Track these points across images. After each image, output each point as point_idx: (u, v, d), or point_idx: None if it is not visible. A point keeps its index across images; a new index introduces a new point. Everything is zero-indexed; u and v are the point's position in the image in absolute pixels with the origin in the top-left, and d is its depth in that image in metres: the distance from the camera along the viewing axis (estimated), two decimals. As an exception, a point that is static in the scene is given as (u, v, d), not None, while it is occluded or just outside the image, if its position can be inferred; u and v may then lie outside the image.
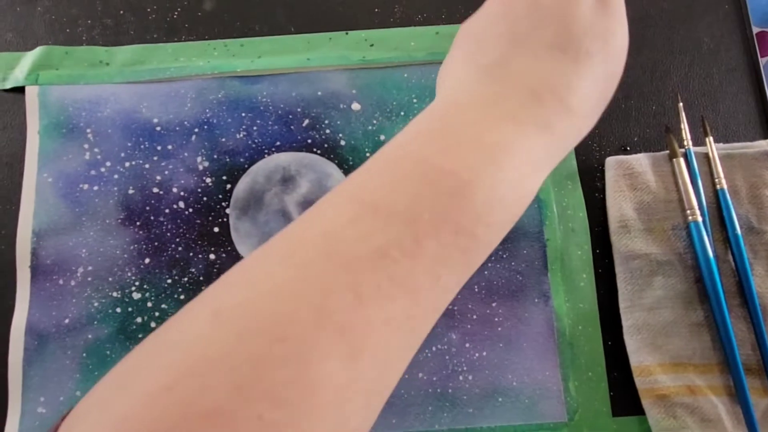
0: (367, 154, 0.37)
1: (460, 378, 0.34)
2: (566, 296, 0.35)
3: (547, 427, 0.33)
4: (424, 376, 0.34)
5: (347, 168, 0.37)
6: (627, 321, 0.34)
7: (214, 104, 0.38)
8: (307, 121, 0.38)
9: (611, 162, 0.36)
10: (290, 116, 0.38)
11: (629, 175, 0.36)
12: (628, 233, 0.35)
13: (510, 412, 0.34)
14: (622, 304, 0.34)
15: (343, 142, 0.37)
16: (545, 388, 0.34)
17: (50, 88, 0.38)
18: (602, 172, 0.37)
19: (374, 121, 0.38)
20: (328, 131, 0.37)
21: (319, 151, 0.37)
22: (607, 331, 0.35)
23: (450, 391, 0.34)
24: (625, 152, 0.37)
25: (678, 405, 0.32)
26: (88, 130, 0.37)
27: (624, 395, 0.34)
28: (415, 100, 0.38)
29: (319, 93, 0.38)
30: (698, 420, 0.32)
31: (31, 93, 0.38)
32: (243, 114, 0.37)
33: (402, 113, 0.37)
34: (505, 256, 0.35)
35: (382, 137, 0.37)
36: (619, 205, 0.35)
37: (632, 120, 0.38)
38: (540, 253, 0.35)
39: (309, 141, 0.37)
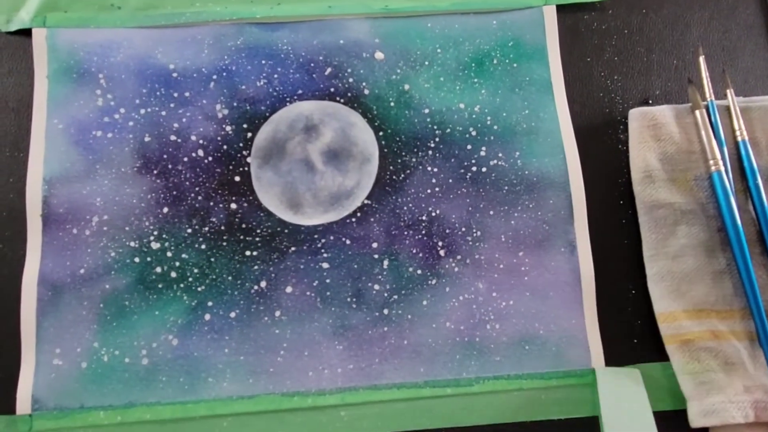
0: (392, 104, 0.36)
1: (488, 327, 0.34)
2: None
3: (574, 374, 0.34)
4: (451, 325, 0.34)
5: (371, 117, 0.36)
6: (651, 269, 0.34)
7: (232, 51, 0.36)
8: (329, 70, 0.37)
9: (635, 113, 0.36)
10: (312, 64, 0.37)
11: (653, 126, 0.36)
12: (652, 183, 0.35)
13: (537, 360, 0.34)
14: (646, 253, 0.35)
15: (366, 91, 0.36)
16: (571, 337, 0.34)
17: (59, 30, 0.36)
18: (625, 124, 0.37)
19: (398, 71, 0.37)
20: (351, 80, 0.37)
21: (342, 100, 0.36)
22: (630, 280, 0.35)
23: (477, 339, 0.34)
24: (648, 105, 0.37)
25: (702, 349, 0.33)
26: (100, 75, 0.35)
27: (647, 343, 0.34)
28: (439, 50, 0.37)
29: (342, 41, 0.37)
30: (721, 363, 0.33)
31: (39, 36, 0.36)
32: (263, 61, 0.36)
33: (426, 62, 0.37)
34: (531, 206, 0.35)
35: (406, 86, 0.37)
36: (643, 155, 0.36)
37: (654, 74, 0.38)
38: (566, 203, 0.35)
39: (332, 90, 0.36)
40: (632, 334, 0.34)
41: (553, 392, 0.33)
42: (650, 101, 0.38)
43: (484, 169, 0.36)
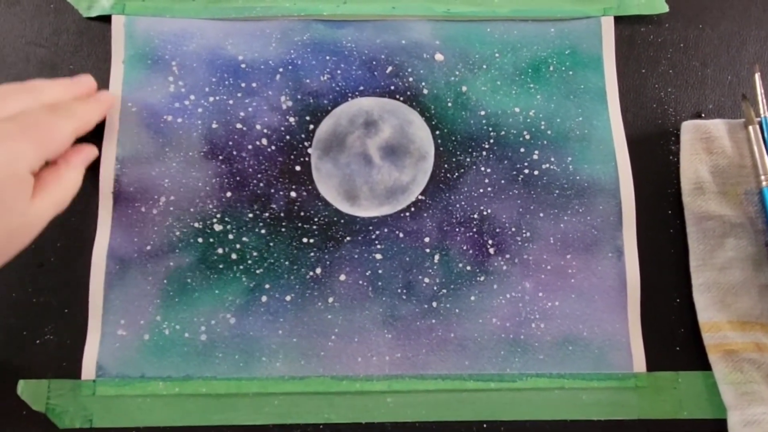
0: (449, 104, 0.37)
1: (533, 325, 0.35)
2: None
3: (615, 377, 0.34)
4: (497, 321, 0.35)
5: (429, 116, 0.37)
6: (697, 279, 0.35)
7: (298, 45, 0.38)
8: (390, 68, 0.38)
9: (688, 126, 0.37)
10: (374, 62, 0.38)
11: (706, 139, 0.37)
12: (702, 194, 0.36)
13: (580, 361, 0.34)
14: (693, 263, 0.35)
15: (425, 91, 0.38)
16: (614, 340, 0.35)
17: (136, 18, 0.38)
18: (677, 136, 0.38)
19: (456, 72, 0.38)
20: (411, 79, 0.38)
21: (401, 98, 0.38)
22: (676, 289, 0.36)
23: (522, 337, 0.35)
24: (700, 118, 0.38)
25: (745, 360, 0.33)
26: (173, 63, 0.37)
27: (689, 351, 0.35)
28: (497, 55, 0.38)
29: (403, 42, 0.38)
30: (764, 375, 0.33)
31: (117, 22, 0.38)
32: (327, 57, 0.38)
33: (484, 66, 0.38)
34: (581, 210, 0.36)
35: (464, 88, 0.38)
36: (694, 167, 0.36)
37: (707, 88, 0.39)
38: (615, 209, 0.36)
39: (392, 87, 0.38)
40: (675, 341, 0.35)
41: (594, 393, 0.34)
42: (703, 115, 0.38)
43: (536, 172, 0.37)
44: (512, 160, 0.37)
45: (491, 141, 0.37)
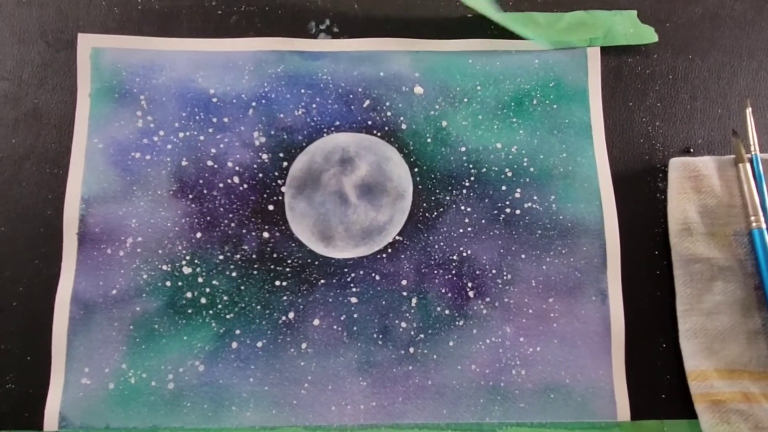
0: (428, 140, 0.36)
1: (513, 372, 0.34)
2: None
3: (598, 426, 0.33)
4: (476, 368, 0.34)
5: (407, 152, 0.36)
6: (684, 324, 0.34)
7: (272, 78, 0.36)
8: (367, 102, 0.36)
9: (676, 163, 0.36)
10: (351, 96, 0.37)
11: (694, 178, 0.35)
12: (690, 236, 0.34)
13: (562, 409, 0.33)
14: (680, 307, 0.34)
15: (404, 126, 0.36)
16: (598, 387, 0.34)
17: (103, 50, 0.36)
18: (665, 172, 0.36)
19: (437, 106, 0.37)
20: (389, 114, 0.36)
21: (379, 134, 0.36)
22: (661, 333, 0.35)
23: (502, 384, 0.33)
24: (689, 154, 0.37)
25: (732, 411, 0.32)
26: (142, 97, 0.36)
27: (675, 399, 0.34)
28: (479, 87, 0.37)
29: (381, 74, 0.37)
30: (752, 427, 0.32)
31: (83, 53, 0.36)
32: (302, 90, 0.36)
33: (465, 99, 0.37)
34: (564, 251, 0.35)
35: (444, 123, 0.36)
36: (682, 207, 0.35)
37: (697, 122, 0.37)
38: (600, 251, 0.35)
39: (369, 122, 0.36)
40: (660, 388, 0.34)
41: (576, 443, 0.33)
42: (692, 150, 0.37)
43: (518, 212, 0.35)
44: (493, 199, 0.36)
45: (472, 179, 0.36)
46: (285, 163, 0.36)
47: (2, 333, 0.33)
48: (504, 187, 0.36)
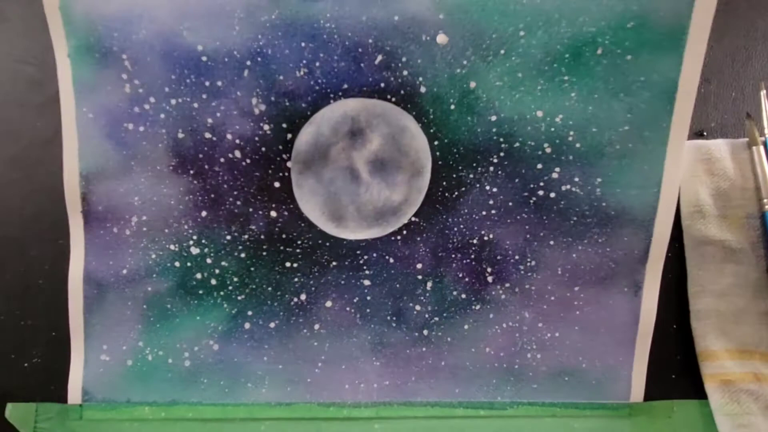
0: (452, 106, 0.31)
1: (528, 356, 0.33)
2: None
3: (609, 407, 0.33)
4: (491, 351, 0.33)
5: (426, 122, 0.31)
6: (695, 305, 0.32)
7: (267, 28, 0.31)
8: (380, 58, 0.31)
9: (689, 146, 0.32)
10: (360, 50, 0.31)
11: (707, 160, 0.32)
12: (702, 218, 0.32)
13: (574, 390, 0.33)
14: (692, 289, 0.32)
15: (423, 89, 0.31)
16: (616, 372, 0.33)
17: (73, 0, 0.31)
18: (715, 147, 0.32)
19: (464, 62, 0.31)
20: (405, 73, 0.31)
21: (393, 99, 0.31)
22: (672, 315, 0.33)
23: (516, 367, 0.33)
24: (702, 137, 0.33)
25: (743, 391, 0.32)
26: (124, 56, 0.31)
27: (685, 379, 0.33)
28: (522, 33, 0.30)
29: (396, 18, 0.31)
30: (762, 407, 0.32)
31: (52, 5, 0.31)
32: (302, 44, 0.31)
33: (502, 51, 0.30)
34: (600, 240, 0.31)
35: (472, 84, 0.31)
36: (695, 189, 0.32)
37: (710, 105, 0.33)
38: (644, 243, 0.31)
39: (382, 84, 0.31)
40: (671, 369, 0.33)
41: (587, 421, 0.33)
42: (705, 133, 0.33)
43: (552, 195, 0.31)
44: (525, 179, 0.31)
45: (502, 154, 0.31)
46: (289, 135, 0.32)
47: (29, 309, 0.34)
48: (540, 166, 0.31)
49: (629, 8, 0.29)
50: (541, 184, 0.31)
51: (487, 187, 0.32)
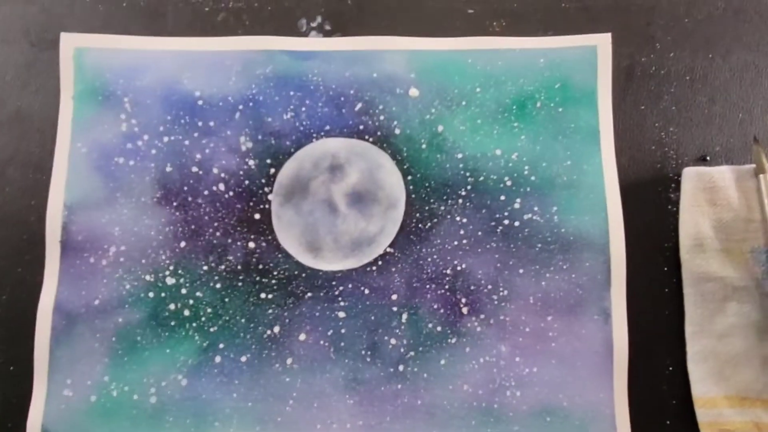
0: (423, 146, 0.34)
1: (507, 393, 0.32)
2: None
3: (596, 452, 0.31)
4: (469, 388, 0.32)
5: (400, 159, 0.34)
6: (693, 347, 0.32)
7: (260, 79, 0.35)
8: (360, 105, 0.35)
9: (690, 173, 0.33)
10: (342, 98, 0.35)
11: (710, 189, 0.33)
12: (702, 253, 0.32)
13: (558, 433, 0.32)
14: (689, 329, 0.32)
15: (397, 131, 0.34)
16: (598, 411, 0.32)
17: (86, 50, 0.35)
18: (677, 182, 0.34)
19: (432, 110, 0.34)
20: (382, 117, 0.34)
21: (371, 139, 0.34)
22: (668, 356, 0.32)
23: (496, 406, 0.32)
24: (705, 162, 0.34)
25: (742, 442, 0.30)
26: (126, 99, 0.35)
27: (681, 425, 0.32)
28: (478, 89, 0.34)
29: (375, 75, 0.35)
30: (763, 460, 0.30)
31: (66, 54, 0.35)
32: (291, 92, 0.35)
33: (463, 102, 0.34)
34: (565, 267, 0.33)
35: (440, 128, 0.34)
36: (695, 221, 0.32)
37: (715, 128, 0.35)
38: (604, 267, 0.33)
39: (361, 127, 0.34)
40: (665, 414, 0.32)
41: (573, 469, 0.31)
42: (708, 158, 0.34)
43: (517, 223, 0.33)
44: (491, 209, 0.33)
45: (469, 187, 0.34)
46: (272, 170, 0.34)
47: (-15, 342, 0.33)
48: (503, 197, 0.34)
49: (555, 74, 0.35)
50: (506, 213, 0.33)
51: (458, 218, 0.33)
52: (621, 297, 0.33)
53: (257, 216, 0.34)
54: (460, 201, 0.34)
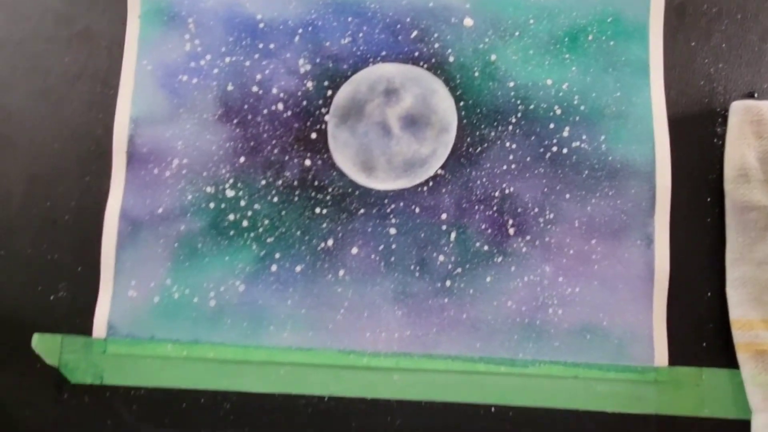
0: (476, 74, 0.35)
1: (550, 311, 0.33)
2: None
3: (634, 369, 0.33)
4: (512, 304, 0.33)
5: (453, 85, 0.35)
6: (733, 273, 0.33)
7: (320, 5, 0.36)
8: (415, 33, 0.36)
9: (738, 107, 0.34)
10: (398, 25, 0.36)
11: (757, 122, 0.33)
12: (747, 183, 0.33)
13: (597, 351, 0.33)
14: (730, 255, 0.33)
15: (451, 59, 0.35)
16: (636, 332, 0.33)
17: (154, -29, 0.36)
18: (724, 117, 0.35)
19: (486, 39, 0.35)
20: (437, 45, 0.35)
21: (425, 66, 0.35)
22: (707, 282, 0.34)
23: (538, 322, 0.33)
24: (752, 98, 0.35)
25: (777, 363, 0.31)
26: (190, 20, 0.36)
27: (716, 348, 0.33)
28: (531, 21, 0.35)
29: (431, 4, 0.36)
30: (797, 379, 0.31)
31: (134, -25, 0.36)
32: (349, 18, 0.36)
33: (516, 33, 0.35)
34: (611, 193, 0.34)
35: (493, 57, 0.35)
36: (741, 152, 0.33)
37: (764, 65, 0.35)
38: (649, 194, 0.34)
39: (416, 54, 0.35)
40: (702, 337, 0.33)
41: (610, 384, 0.33)
42: (756, 95, 0.35)
43: (565, 150, 0.34)
44: (540, 137, 0.35)
45: (519, 115, 0.35)
46: (329, 92, 0.35)
47: (55, 244, 0.34)
48: (552, 125, 0.35)
49: (607, 8, 0.36)
50: (554, 140, 0.34)
51: (507, 144, 0.35)
52: (664, 224, 0.34)
53: (314, 135, 0.35)
54: (510, 128, 0.35)
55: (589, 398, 0.33)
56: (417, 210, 0.34)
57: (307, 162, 0.35)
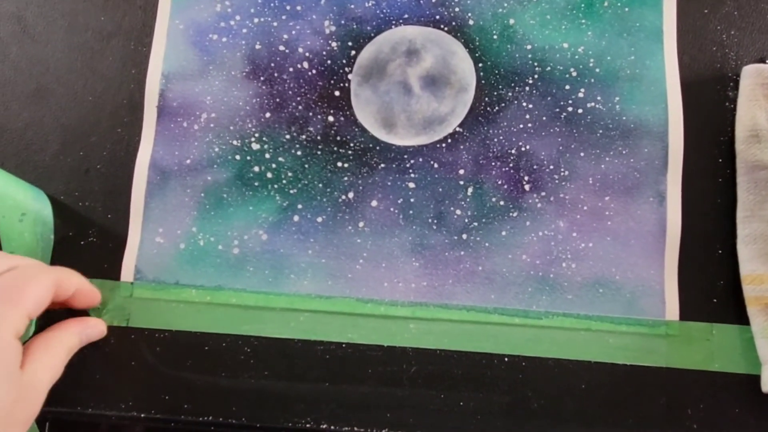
0: (495, 36, 0.36)
1: (563, 265, 0.34)
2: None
3: (645, 323, 0.33)
4: (527, 258, 0.34)
5: (472, 47, 0.36)
6: (743, 230, 0.33)
7: (345, -30, 0.37)
8: (436, -3, 0.37)
9: (749, 70, 0.35)
10: (420, -10, 0.37)
11: (767, 85, 0.34)
12: (758, 143, 0.34)
13: (609, 304, 0.34)
14: (741, 213, 0.34)
15: (471, 22, 0.37)
16: (648, 286, 0.34)
17: (187, -64, 0.38)
18: (736, 81, 0.35)
19: (505, 4, 0.37)
20: (457, 9, 0.37)
21: (446, 29, 0.37)
22: (718, 239, 0.34)
23: (551, 276, 0.34)
24: (763, 63, 0.36)
25: (787, 316, 0.32)
26: (221, -17, 0.38)
27: (726, 304, 0.34)
28: (549, -13, 0.37)
29: (452, -30, 0.37)
30: (806, 333, 0.32)
31: (169, -61, 0.38)
32: (373, -18, 0.37)
33: (534, -1, 0.37)
34: (624, 152, 0.35)
35: (512, 21, 0.36)
36: (752, 113, 0.34)
37: (775, 32, 0.36)
38: (661, 153, 0.35)
39: (437, 17, 0.37)
40: (712, 293, 0.34)
41: (622, 337, 0.33)
42: (767, 60, 0.36)
43: (580, 111, 0.35)
44: (556, 97, 0.36)
45: (536, 76, 0.36)
46: (353, 52, 0.37)
47: (87, 192, 0.36)
48: (567, 87, 0.36)
49: None
50: (570, 101, 0.35)
51: (524, 104, 0.36)
52: (677, 182, 0.34)
53: (337, 93, 0.36)
54: (527, 88, 0.36)
55: (600, 350, 0.34)
56: (435, 165, 0.35)
57: (330, 118, 0.36)
